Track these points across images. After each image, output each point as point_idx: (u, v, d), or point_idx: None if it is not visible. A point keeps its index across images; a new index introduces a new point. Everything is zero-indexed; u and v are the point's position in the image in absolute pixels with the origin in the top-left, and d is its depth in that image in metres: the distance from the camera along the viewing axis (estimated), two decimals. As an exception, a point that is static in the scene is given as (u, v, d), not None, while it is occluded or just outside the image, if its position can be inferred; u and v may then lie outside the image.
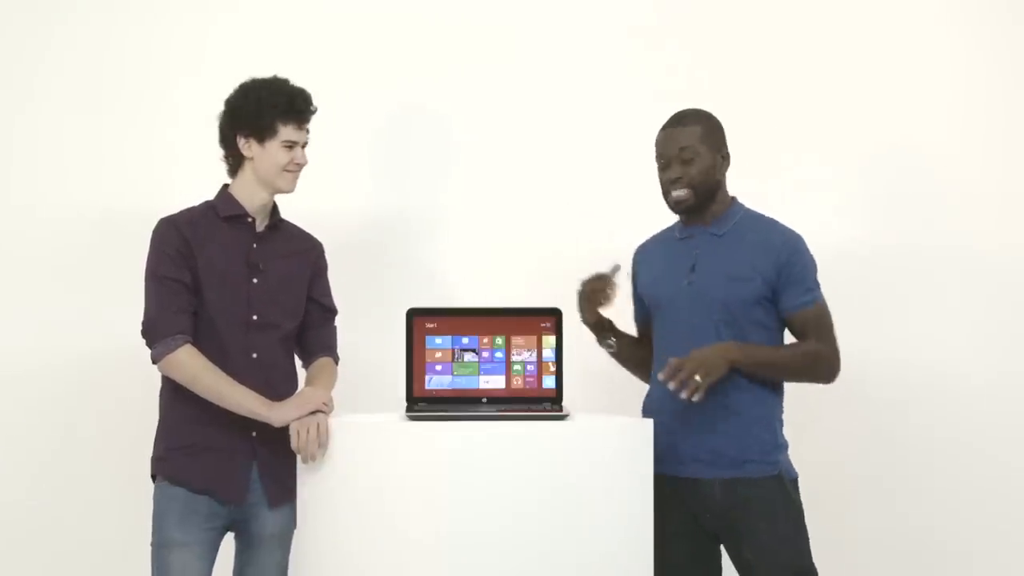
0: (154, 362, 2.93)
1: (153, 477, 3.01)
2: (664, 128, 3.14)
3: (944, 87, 4.05)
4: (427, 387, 2.99)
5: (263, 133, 3.00)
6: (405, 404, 2.98)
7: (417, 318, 3.01)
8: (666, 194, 3.12)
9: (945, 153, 4.01)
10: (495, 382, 3.00)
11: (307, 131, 3.06)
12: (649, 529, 2.84)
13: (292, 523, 3.00)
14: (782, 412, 3.09)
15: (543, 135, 4.06)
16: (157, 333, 2.91)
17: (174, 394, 2.97)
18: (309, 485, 2.90)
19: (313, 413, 2.87)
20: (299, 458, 2.89)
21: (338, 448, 2.84)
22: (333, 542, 2.85)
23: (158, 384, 3.03)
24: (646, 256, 3.27)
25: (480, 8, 4.06)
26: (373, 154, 4.00)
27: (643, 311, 3.27)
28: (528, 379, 3.00)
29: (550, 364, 3.00)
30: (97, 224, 3.80)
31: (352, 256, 3.64)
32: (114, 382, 3.73)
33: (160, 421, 3.03)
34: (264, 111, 2.98)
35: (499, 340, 3.00)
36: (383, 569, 2.72)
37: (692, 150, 3.05)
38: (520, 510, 2.67)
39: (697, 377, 2.85)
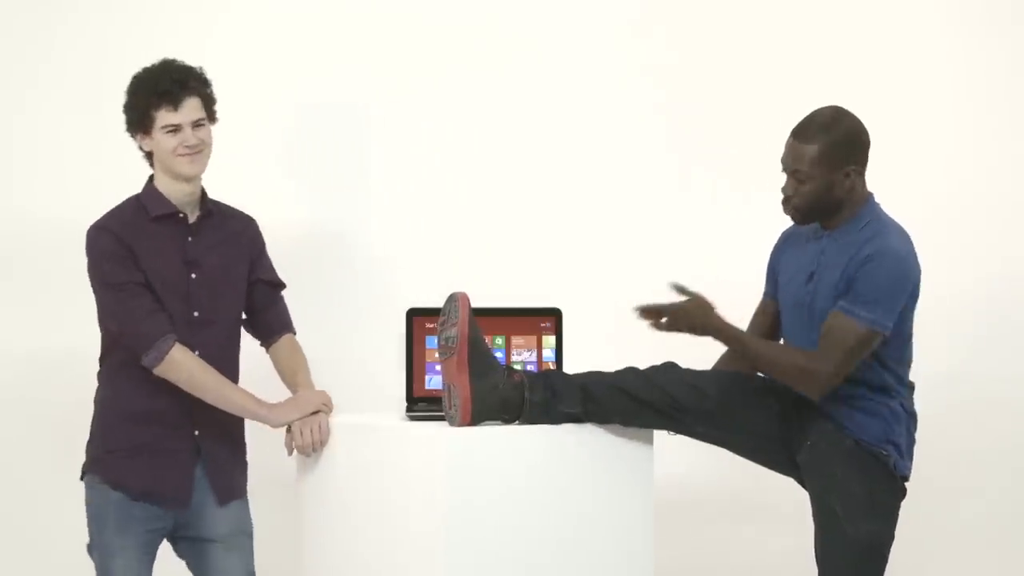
0: (151, 368, 2.82)
1: (82, 476, 2.92)
2: (791, 134, 2.90)
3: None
4: (427, 387, 2.99)
5: (145, 125, 2.87)
6: (405, 404, 2.99)
7: (417, 318, 3.01)
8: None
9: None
10: (495, 382, 2.99)
11: (195, 109, 2.85)
12: (650, 529, 2.83)
13: (247, 522, 2.95)
14: (906, 423, 2.87)
15: (543, 135, 4.05)
16: (145, 340, 2.81)
17: (114, 393, 2.89)
18: (309, 485, 2.91)
19: (313, 413, 2.87)
20: (296, 456, 2.89)
21: (338, 448, 2.85)
22: (333, 542, 2.85)
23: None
24: (786, 248, 3.06)
25: (477, 8, 4.05)
26: (372, 155, 3.99)
27: (773, 298, 3.07)
28: (528, 379, 2.99)
29: (550, 364, 2.99)
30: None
31: (352, 256, 3.64)
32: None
33: (95, 421, 2.93)
34: (139, 103, 2.86)
35: (499, 340, 3.00)
36: (383, 569, 2.72)
37: (804, 173, 2.84)
38: (519, 510, 2.67)
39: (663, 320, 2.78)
